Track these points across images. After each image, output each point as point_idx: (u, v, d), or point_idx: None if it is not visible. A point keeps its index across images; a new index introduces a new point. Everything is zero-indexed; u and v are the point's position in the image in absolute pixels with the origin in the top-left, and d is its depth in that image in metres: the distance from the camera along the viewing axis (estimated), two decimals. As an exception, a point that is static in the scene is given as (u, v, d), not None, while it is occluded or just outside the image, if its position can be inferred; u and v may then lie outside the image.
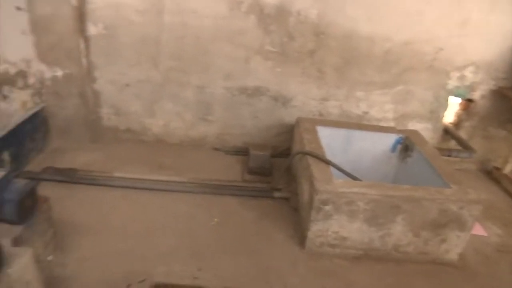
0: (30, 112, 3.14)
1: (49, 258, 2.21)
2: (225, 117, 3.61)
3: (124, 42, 3.21)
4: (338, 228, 2.50)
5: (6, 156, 2.85)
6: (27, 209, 1.92)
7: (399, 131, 3.30)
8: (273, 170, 3.35)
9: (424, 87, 3.53)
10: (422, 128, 3.64)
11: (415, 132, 3.31)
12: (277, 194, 3.05)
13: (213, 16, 3.18)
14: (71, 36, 3.09)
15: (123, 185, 2.98)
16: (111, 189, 2.96)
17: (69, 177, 3.00)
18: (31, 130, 3.17)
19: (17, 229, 1.88)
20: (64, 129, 3.47)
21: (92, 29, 3.15)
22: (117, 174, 3.05)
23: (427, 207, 2.41)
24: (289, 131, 3.57)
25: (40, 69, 3.18)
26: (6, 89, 2.83)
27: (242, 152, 3.62)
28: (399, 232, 2.50)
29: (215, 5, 3.13)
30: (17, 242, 1.84)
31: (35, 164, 3.17)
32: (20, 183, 1.92)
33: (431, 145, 3.23)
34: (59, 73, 3.22)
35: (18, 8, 2.87)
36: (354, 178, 2.72)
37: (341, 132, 3.26)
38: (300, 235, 2.68)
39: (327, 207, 2.41)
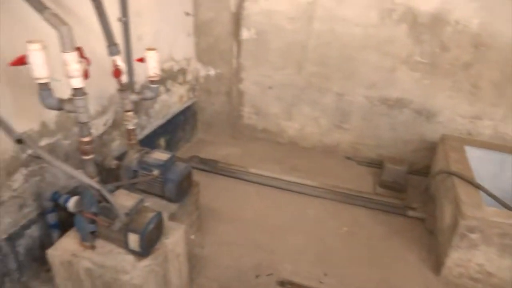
0: (185, 105, 3.54)
1: (192, 237, 2.45)
2: (361, 127, 3.53)
3: (272, 46, 3.39)
4: (483, 261, 2.23)
5: (162, 141, 3.26)
6: (183, 189, 2.16)
7: None
8: (408, 187, 3.16)
9: None
10: None
11: None
12: (411, 213, 2.87)
13: (362, 24, 3.14)
14: (226, 39, 3.38)
15: (257, 181, 3.15)
16: (246, 183, 3.16)
17: (211, 167, 3.29)
18: (183, 121, 3.56)
19: (173, 206, 2.13)
20: (209, 123, 3.82)
21: (245, 33, 3.39)
22: (252, 170, 3.23)
23: None
24: (430, 148, 3.32)
25: (196, 68, 3.56)
26: (169, 83, 3.23)
27: (375, 164, 3.50)
28: None
29: (366, 13, 3.09)
30: (172, 217, 2.08)
31: (183, 152, 3.56)
32: (180, 166, 2.16)
33: None
34: (212, 72, 3.55)
35: (187, 14, 3.25)
36: (510, 208, 2.40)
37: (495, 156, 2.91)
38: (434, 260, 2.47)
39: (474, 235, 2.17)
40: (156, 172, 2.07)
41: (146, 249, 1.70)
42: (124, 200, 1.77)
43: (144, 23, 2.68)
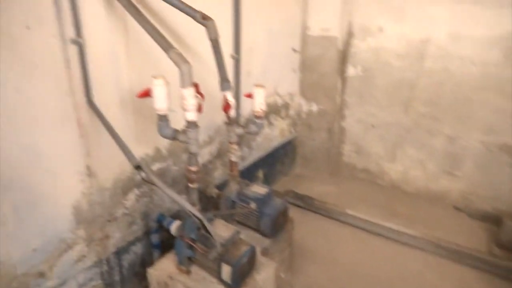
0: (286, 139, 3.58)
1: (282, 275, 2.40)
2: (475, 175, 3.17)
3: (378, 84, 3.28)
4: None
5: (260, 173, 3.31)
6: (278, 225, 2.15)
7: None
8: (534, 250, 2.71)
9: None
10: None
11: None
12: (537, 282, 2.45)
13: (481, 63, 2.88)
14: (331, 76, 3.37)
15: (353, 224, 3.00)
16: (341, 224, 3.03)
17: (306, 203, 3.23)
18: (283, 155, 3.60)
19: (267, 241, 2.12)
20: (308, 158, 3.79)
21: (351, 71, 3.35)
22: (349, 212, 3.09)
23: None
24: None
25: (299, 103, 3.60)
26: (272, 117, 3.31)
27: (491, 218, 3.09)
28: None
29: (487, 51, 2.84)
30: (264, 253, 2.07)
31: (279, 185, 3.57)
32: (277, 201, 2.16)
33: None
34: (315, 108, 3.56)
35: (294, 50, 3.34)
36: None
37: None
38: None
39: None
40: (253, 205, 2.11)
41: (237, 282, 1.70)
42: (221, 230, 1.81)
43: (253, 59, 2.81)
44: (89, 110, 1.73)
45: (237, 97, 2.59)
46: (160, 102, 1.50)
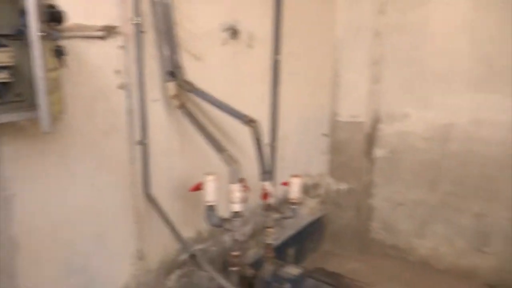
0: (315, 217, 3.70)
1: None
2: (506, 252, 3.16)
3: (405, 165, 3.45)
4: None
5: (291, 251, 3.40)
6: (312, 308, 2.22)
7: None
8: None
9: None
10: None
11: None
12: None
13: (503, 144, 3.03)
14: (359, 157, 3.57)
15: (387, 304, 2.99)
16: (375, 305, 3.02)
17: (336, 282, 3.25)
18: (312, 232, 3.69)
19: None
20: (336, 236, 3.86)
21: (378, 152, 3.55)
22: (379, 290, 3.10)
23: None
24: None
25: (328, 182, 3.77)
26: (302, 197, 3.47)
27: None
28: None
29: (507, 133, 3.00)
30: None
31: (309, 262, 3.62)
32: (309, 282, 2.26)
33: None
34: (343, 187, 3.71)
35: (324, 135, 3.60)
36: None
37: None
38: None
39: None
40: (287, 286, 2.20)
41: None
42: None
43: (287, 145, 3.05)
44: (145, 200, 1.95)
45: (273, 183, 2.78)
46: (210, 195, 1.72)
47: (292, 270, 2.32)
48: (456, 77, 3.16)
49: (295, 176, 2.07)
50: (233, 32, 2.35)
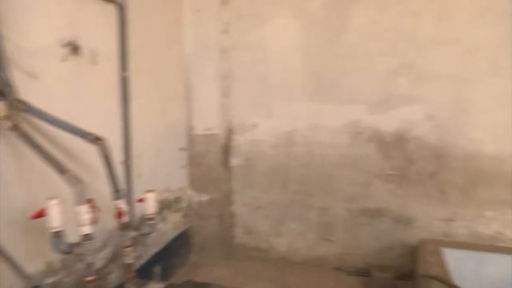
0: (179, 231, 3.72)
1: None
2: (346, 238, 3.71)
3: (259, 170, 3.75)
4: None
5: (157, 269, 3.35)
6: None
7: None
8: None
9: None
10: None
11: None
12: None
13: (335, 146, 3.56)
14: (217, 168, 3.75)
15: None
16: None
17: (207, 291, 3.33)
18: (178, 246, 3.70)
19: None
20: (202, 246, 3.96)
21: (234, 161, 3.78)
22: (246, 291, 3.29)
23: None
24: (413, 252, 3.47)
25: (190, 195, 3.85)
26: (164, 212, 3.47)
27: (364, 273, 3.59)
28: None
29: (338, 136, 3.54)
30: None
31: (178, 276, 3.62)
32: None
33: None
34: (205, 198, 3.83)
35: (181, 149, 3.67)
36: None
37: (472, 255, 3.07)
38: None
39: None
40: (153, 303, 2.19)
41: None
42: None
43: (143, 162, 3.01)
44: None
45: (129, 201, 2.72)
46: (55, 220, 1.61)
47: (156, 286, 2.30)
48: (294, 90, 3.61)
49: (149, 191, 2.08)
50: (74, 48, 2.26)
